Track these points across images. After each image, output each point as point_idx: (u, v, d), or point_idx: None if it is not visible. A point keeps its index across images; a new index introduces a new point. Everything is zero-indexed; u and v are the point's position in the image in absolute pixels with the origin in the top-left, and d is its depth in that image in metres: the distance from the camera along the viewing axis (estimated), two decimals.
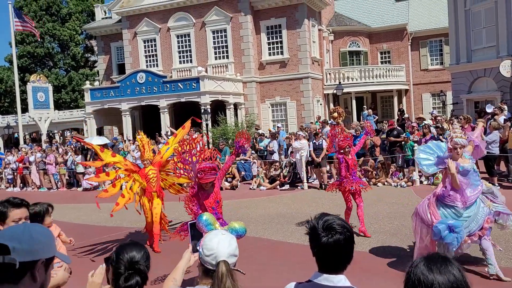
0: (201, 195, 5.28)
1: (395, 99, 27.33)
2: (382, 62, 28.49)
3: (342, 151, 8.10)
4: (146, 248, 2.28)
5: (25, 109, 28.98)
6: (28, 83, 27.48)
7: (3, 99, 41.37)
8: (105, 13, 29.35)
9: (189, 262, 2.49)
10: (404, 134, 14.03)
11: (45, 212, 3.91)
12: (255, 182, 14.79)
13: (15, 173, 18.89)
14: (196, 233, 2.52)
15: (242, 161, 16.16)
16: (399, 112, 22.91)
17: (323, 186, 13.38)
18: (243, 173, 16.08)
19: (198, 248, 2.19)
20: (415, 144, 12.99)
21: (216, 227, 2.38)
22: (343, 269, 1.96)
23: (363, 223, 7.99)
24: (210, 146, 18.49)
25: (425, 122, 14.99)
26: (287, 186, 14.11)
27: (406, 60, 28.03)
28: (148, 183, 8.05)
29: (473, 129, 12.35)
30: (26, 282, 1.41)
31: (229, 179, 15.16)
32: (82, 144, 19.26)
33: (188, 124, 8.30)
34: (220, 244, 2.07)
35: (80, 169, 17.25)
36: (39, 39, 31.43)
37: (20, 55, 36.81)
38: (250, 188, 14.53)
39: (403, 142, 13.75)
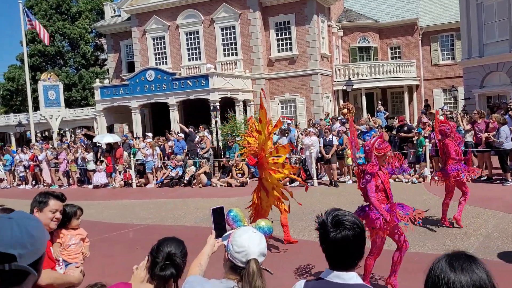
0: (380, 174, 5.10)
1: (406, 95, 27.09)
2: (392, 58, 28.22)
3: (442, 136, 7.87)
4: (185, 246, 2.42)
5: (36, 108, 29.29)
6: (39, 82, 27.75)
7: (15, 98, 41.84)
8: (114, 11, 29.48)
9: (213, 247, 2.49)
10: (416, 129, 13.90)
11: (73, 214, 3.95)
12: None
13: (27, 171, 19.09)
14: (218, 220, 2.49)
15: None
16: (425, 107, 22.72)
17: (333, 182, 13.32)
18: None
19: (225, 243, 2.16)
20: (426, 140, 12.86)
21: (244, 223, 2.35)
22: (353, 266, 1.91)
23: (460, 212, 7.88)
24: (220, 143, 18.50)
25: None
26: (296, 183, 14.04)
27: (417, 56, 27.73)
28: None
29: (487, 124, 12.20)
30: (30, 279, 1.37)
31: (238, 175, 15.16)
32: (93, 141, 19.41)
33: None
34: (251, 242, 2.04)
35: (90, 166, 17.38)
36: (47, 44, 31.75)
37: (31, 54, 37.18)
38: None
39: (414, 138, 13.62)
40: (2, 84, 45.09)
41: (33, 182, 19.08)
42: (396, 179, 13.38)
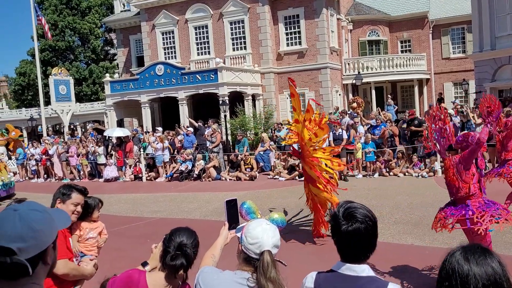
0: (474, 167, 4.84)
1: (416, 89, 26.86)
2: (402, 51, 27.96)
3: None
4: (197, 237, 2.47)
5: (47, 102, 29.55)
6: (50, 76, 27.97)
7: (26, 93, 42.24)
8: (124, 6, 29.56)
9: (226, 239, 2.52)
10: (426, 124, 13.80)
11: (96, 206, 4.00)
12: (273, 172, 14.82)
13: (39, 164, 19.32)
14: (232, 212, 2.51)
15: (261, 152, 16.17)
16: (438, 101, 22.55)
17: (342, 176, 13.29)
18: (261, 164, 16.10)
19: (239, 235, 2.19)
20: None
21: (258, 215, 2.37)
22: (365, 259, 1.91)
23: None
24: (229, 137, 18.55)
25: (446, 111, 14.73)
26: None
27: (427, 49, 27.45)
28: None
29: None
30: (39, 269, 1.37)
31: (247, 170, 15.20)
32: (103, 135, 19.60)
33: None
34: (265, 234, 2.06)
35: (101, 160, 17.54)
36: (50, 39, 32.10)
37: (41, 48, 37.43)
38: (275, 178, 14.55)
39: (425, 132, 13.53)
40: (14, 79, 45.55)
41: (45, 175, 19.31)
42: (406, 173, 13.35)
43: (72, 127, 30.52)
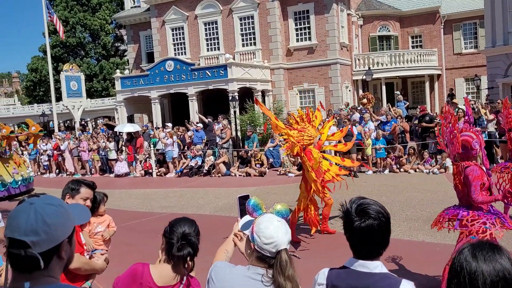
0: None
1: (427, 85, 26.61)
2: (413, 47, 27.69)
3: None
4: (197, 225, 2.49)
5: (59, 98, 29.81)
6: (62, 72, 28.22)
7: (38, 89, 42.66)
8: (134, 2, 29.64)
9: None
10: (438, 120, 13.69)
11: (101, 200, 4.03)
12: (283, 168, 14.81)
13: (51, 159, 19.53)
14: (244, 208, 2.51)
15: (271, 148, 16.17)
16: (448, 96, 22.35)
17: (352, 172, 13.23)
18: (271, 160, 16.09)
19: (246, 232, 2.16)
20: None
21: (263, 210, 2.35)
22: (378, 255, 1.90)
23: None
24: (238, 133, 18.56)
25: (459, 107, 14.59)
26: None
27: (439, 44, 27.15)
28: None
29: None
30: (53, 264, 1.38)
31: (257, 166, 15.21)
32: (113, 131, 19.74)
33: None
34: (279, 232, 2.03)
35: (112, 155, 17.68)
36: (62, 38, 32.35)
37: (53, 45, 37.73)
38: (285, 174, 14.54)
39: (436, 128, 13.41)
40: (26, 75, 46.04)
41: (57, 171, 19.52)
42: (417, 170, 13.26)
43: (83, 122, 30.79)
